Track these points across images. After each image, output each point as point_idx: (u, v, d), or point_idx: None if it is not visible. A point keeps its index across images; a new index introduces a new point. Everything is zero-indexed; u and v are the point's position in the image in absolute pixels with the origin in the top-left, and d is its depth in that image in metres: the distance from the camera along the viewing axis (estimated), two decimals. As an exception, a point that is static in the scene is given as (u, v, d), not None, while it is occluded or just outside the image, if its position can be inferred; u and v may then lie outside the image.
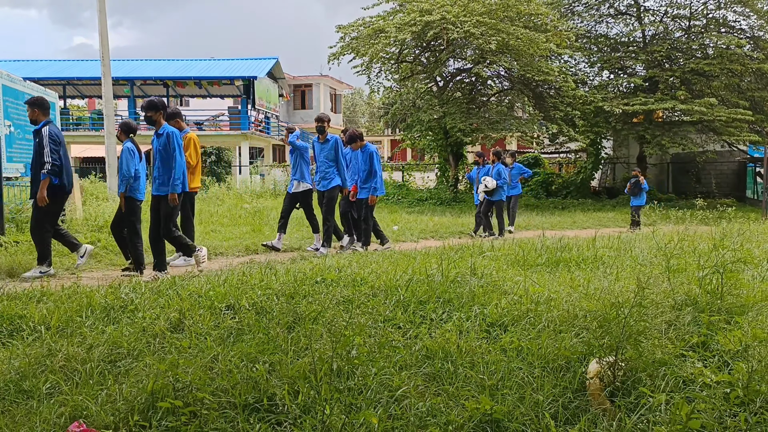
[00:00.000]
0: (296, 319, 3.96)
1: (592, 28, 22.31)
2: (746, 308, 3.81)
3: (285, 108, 37.68)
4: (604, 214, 16.38)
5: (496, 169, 11.05)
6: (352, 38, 18.85)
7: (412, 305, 4.21)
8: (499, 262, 5.99)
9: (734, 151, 21.78)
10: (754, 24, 20.64)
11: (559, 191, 21.64)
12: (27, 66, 27.97)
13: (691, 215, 7.41)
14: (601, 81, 21.70)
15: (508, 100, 21.07)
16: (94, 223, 9.12)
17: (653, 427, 2.41)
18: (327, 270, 5.49)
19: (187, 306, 4.18)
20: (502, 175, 10.90)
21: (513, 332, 3.64)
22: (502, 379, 2.96)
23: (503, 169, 11.05)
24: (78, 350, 3.39)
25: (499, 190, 10.88)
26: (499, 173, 10.93)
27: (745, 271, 5.06)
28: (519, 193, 12.84)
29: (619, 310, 3.29)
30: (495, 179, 10.86)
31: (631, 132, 20.30)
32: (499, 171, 10.95)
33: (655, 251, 6.20)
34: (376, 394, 2.81)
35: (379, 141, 50.90)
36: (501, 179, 10.89)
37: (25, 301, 4.51)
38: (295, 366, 3.03)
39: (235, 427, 2.55)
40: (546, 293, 4.41)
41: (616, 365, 2.86)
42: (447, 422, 2.56)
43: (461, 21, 16.79)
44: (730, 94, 19.70)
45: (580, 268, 5.82)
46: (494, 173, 11.03)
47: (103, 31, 13.03)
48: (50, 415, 2.68)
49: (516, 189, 12.61)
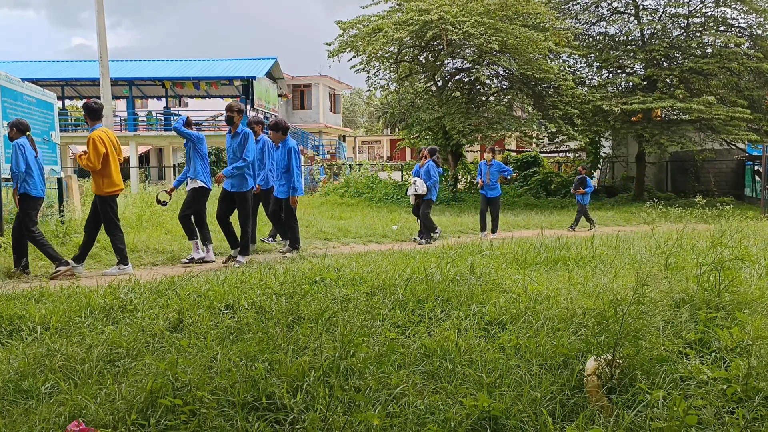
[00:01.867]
0: (295, 318, 3.97)
1: (591, 28, 22.32)
2: (743, 305, 3.83)
3: (284, 108, 37.70)
4: (603, 212, 16.38)
5: (426, 167, 10.13)
6: (350, 36, 18.85)
7: (411, 304, 4.22)
8: (497, 261, 6.00)
9: (733, 150, 21.80)
10: (753, 22, 20.65)
11: (558, 190, 21.64)
12: (25, 67, 27.97)
13: (690, 213, 7.42)
14: (599, 80, 21.71)
15: (507, 99, 21.08)
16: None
17: (650, 424, 2.42)
18: (326, 269, 5.50)
19: (186, 306, 4.19)
20: (432, 174, 10.02)
21: (511, 330, 3.66)
22: (501, 376, 2.97)
23: (433, 167, 10.08)
24: (77, 350, 3.39)
25: (430, 191, 10.04)
26: (428, 172, 10.05)
27: (743, 269, 5.07)
28: (498, 195, 11.24)
29: (616, 307, 3.30)
30: (425, 179, 10.01)
31: (629, 131, 20.31)
32: (429, 170, 10.07)
33: (653, 249, 6.22)
34: (375, 393, 2.82)
35: (378, 141, 50.94)
36: (431, 179, 10.02)
37: (25, 302, 4.52)
38: (294, 365, 3.04)
39: (234, 426, 2.55)
40: (544, 292, 4.42)
41: (613, 362, 2.87)
42: (445, 420, 2.57)
43: (460, 21, 16.80)
44: (729, 92, 19.71)
45: (579, 267, 5.84)
46: (423, 172, 10.12)
47: (102, 32, 13.03)
48: (49, 415, 2.68)
49: (495, 190, 11.12)
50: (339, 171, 26.37)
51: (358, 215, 14.07)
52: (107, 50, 13.21)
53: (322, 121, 38.35)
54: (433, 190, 10.16)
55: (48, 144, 9.24)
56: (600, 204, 19.33)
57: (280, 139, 7.81)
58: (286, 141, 7.77)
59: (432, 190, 10.14)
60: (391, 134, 44.46)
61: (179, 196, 9.11)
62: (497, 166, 11.19)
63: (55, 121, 9.63)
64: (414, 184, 10.12)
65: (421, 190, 9.95)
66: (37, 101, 9.01)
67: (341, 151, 37.52)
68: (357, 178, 21.23)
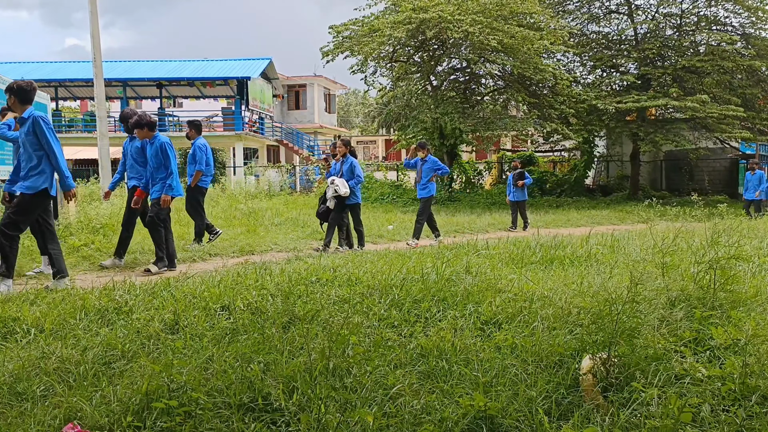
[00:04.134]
0: (291, 318, 3.97)
1: (584, 27, 22.40)
2: (738, 303, 3.84)
3: (279, 108, 37.65)
4: (598, 212, 16.44)
5: (348, 164, 8.67)
6: (345, 37, 18.85)
7: (407, 304, 4.22)
8: (493, 261, 6.01)
9: (726, 148, 21.93)
10: (745, 21, 20.77)
11: (554, 189, 21.71)
12: (19, 68, 27.80)
13: (685, 212, 7.45)
14: (593, 79, 21.79)
15: (502, 99, 21.13)
16: (88, 225, 9.09)
17: (646, 422, 2.43)
18: (322, 270, 5.49)
19: (181, 307, 4.17)
20: (356, 172, 8.63)
21: (507, 330, 3.66)
22: (496, 376, 2.97)
23: (356, 163, 8.75)
24: (72, 352, 3.38)
25: (355, 191, 8.66)
26: (352, 170, 8.64)
27: (737, 267, 5.09)
28: (430, 195, 9.66)
29: (612, 306, 3.31)
30: (347, 179, 8.59)
31: (624, 130, 20.40)
32: (353, 167, 8.65)
33: (648, 248, 6.23)
34: (371, 393, 2.82)
35: (373, 141, 50.92)
36: (355, 178, 8.62)
37: (19, 304, 4.49)
38: (290, 365, 3.03)
39: (230, 427, 2.55)
40: (540, 291, 4.43)
41: (609, 361, 2.88)
42: (441, 419, 2.57)
43: (457, 20, 16.82)
44: (722, 91, 19.82)
45: (574, 266, 5.85)
46: (346, 171, 8.66)
47: (95, 33, 12.98)
48: (44, 417, 2.67)
49: (427, 190, 9.58)
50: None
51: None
52: (101, 51, 13.15)
53: (317, 122, 38.31)
54: (357, 192, 8.74)
55: (42, 145, 9.17)
56: (595, 203, 19.40)
57: (148, 136, 7.08)
58: (156, 137, 7.07)
59: (356, 192, 8.71)
60: (387, 134, 44.45)
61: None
62: (432, 162, 9.75)
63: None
64: (333, 185, 8.51)
65: (342, 191, 8.43)
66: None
67: (337, 152, 37.43)
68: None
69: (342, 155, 8.80)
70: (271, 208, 13.97)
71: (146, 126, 7.04)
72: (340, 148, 8.87)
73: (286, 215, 13.02)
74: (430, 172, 9.60)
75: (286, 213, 13.49)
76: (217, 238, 8.62)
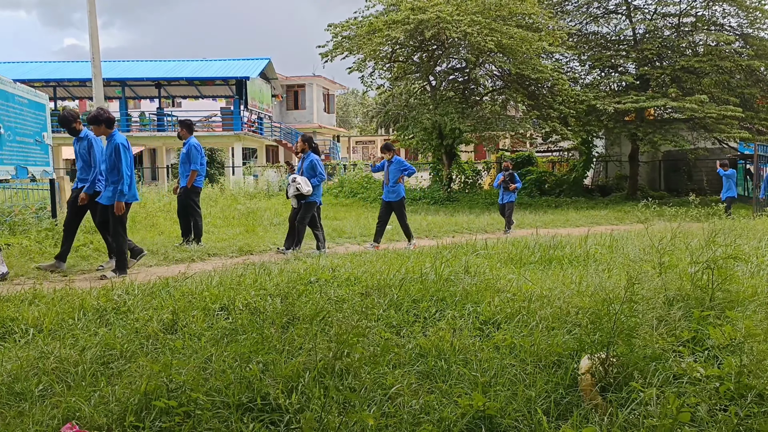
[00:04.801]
0: (290, 319, 3.97)
1: (583, 27, 22.42)
2: (736, 303, 3.85)
3: (278, 108, 37.64)
4: (596, 212, 16.45)
5: (309, 162, 8.18)
6: (343, 37, 18.85)
7: (406, 304, 4.22)
8: (492, 261, 6.01)
9: (725, 148, 21.94)
10: (743, 21, 20.80)
11: (552, 190, 21.72)
12: (17, 68, 27.78)
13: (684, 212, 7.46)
14: (592, 79, 21.81)
15: (501, 99, 21.14)
16: (88, 225, 9.07)
17: (644, 421, 2.43)
18: (321, 270, 5.49)
19: (180, 307, 4.17)
20: (318, 170, 8.16)
21: (506, 330, 3.67)
22: (495, 376, 2.98)
23: (317, 160, 8.24)
24: (70, 352, 3.38)
25: (315, 190, 8.15)
26: (313, 168, 8.16)
27: (735, 267, 5.10)
28: (401, 198, 9.11)
29: (610, 306, 3.32)
30: (308, 176, 8.09)
31: (623, 130, 20.41)
32: (314, 164, 8.17)
33: (646, 248, 6.24)
34: (369, 393, 2.82)
35: (372, 141, 50.92)
36: (317, 176, 8.15)
37: (17, 304, 4.49)
38: (289, 365, 3.03)
39: (229, 427, 2.55)
40: (539, 291, 4.43)
41: (607, 361, 2.89)
42: (440, 419, 2.57)
43: (456, 20, 16.82)
44: (721, 91, 19.84)
45: (573, 266, 5.86)
46: (306, 168, 8.17)
47: (93, 33, 12.96)
48: (43, 417, 2.67)
49: (396, 192, 9.08)
50: (333, 171, 26.35)
51: (352, 215, 14.08)
52: (99, 50, 13.14)
53: (316, 122, 38.31)
54: (317, 191, 8.25)
55: (40, 145, 9.19)
56: (594, 203, 19.41)
57: (105, 133, 6.54)
58: (112, 136, 6.49)
59: (317, 191, 8.22)
60: (386, 134, 44.46)
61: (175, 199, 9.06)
62: (397, 163, 9.22)
63: (47, 122, 9.58)
64: (294, 183, 8.00)
65: (305, 189, 7.95)
66: (28, 102, 8.96)
67: (335, 152, 37.49)
68: (351, 178, 21.22)
69: (302, 151, 8.35)
70: (269, 208, 13.97)
71: (104, 123, 6.48)
72: (301, 144, 8.38)
73: (284, 215, 12.99)
74: (397, 173, 9.12)
75: (285, 213, 13.45)
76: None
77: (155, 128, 27.23)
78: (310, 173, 8.12)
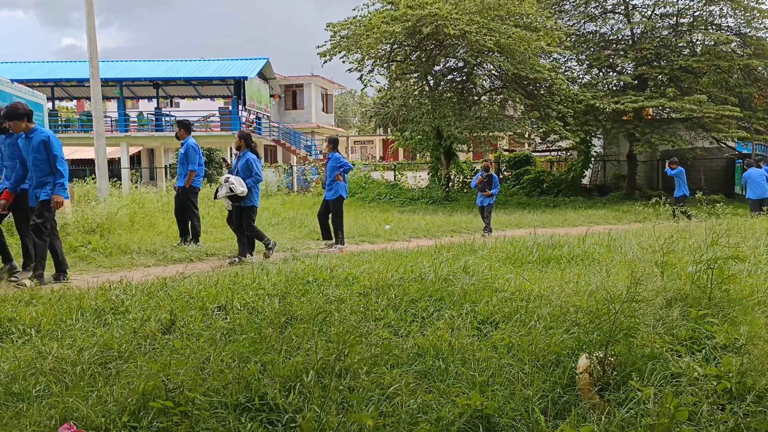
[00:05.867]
0: (288, 318, 3.97)
1: (581, 27, 22.43)
2: (734, 303, 3.85)
3: (276, 108, 37.60)
4: (595, 211, 16.47)
5: (244, 160, 7.55)
6: (342, 36, 18.84)
7: (404, 304, 4.22)
8: (491, 260, 6.01)
9: (723, 148, 21.97)
10: (741, 21, 20.83)
11: (551, 189, 21.73)
12: (15, 68, 27.73)
13: (683, 212, 7.46)
14: (590, 79, 21.83)
15: (500, 99, 21.15)
16: (85, 225, 9.06)
17: (642, 420, 2.44)
18: (319, 270, 5.49)
19: (178, 307, 4.17)
20: (254, 170, 7.56)
21: (504, 329, 3.66)
22: (493, 375, 2.98)
23: (254, 159, 7.63)
24: (68, 352, 3.37)
25: (252, 192, 7.56)
26: (248, 167, 7.55)
27: (733, 266, 5.10)
28: (338, 196, 8.75)
29: (610, 305, 3.31)
30: (243, 177, 7.50)
31: (621, 130, 20.43)
32: (250, 163, 7.54)
33: (645, 248, 6.24)
34: (367, 392, 2.82)
35: (370, 141, 50.92)
36: (253, 176, 7.55)
37: (15, 304, 4.48)
38: (287, 365, 3.03)
39: (227, 426, 2.55)
40: (537, 290, 4.43)
41: (605, 360, 2.89)
42: (438, 419, 2.57)
43: (454, 18, 16.82)
44: (719, 90, 19.86)
45: (571, 265, 5.86)
46: (241, 167, 7.56)
47: (91, 32, 12.95)
48: (40, 418, 2.67)
49: (333, 190, 8.71)
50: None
51: (350, 215, 14.06)
52: (97, 50, 13.12)
53: (314, 121, 38.28)
54: (254, 193, 7.59)
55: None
56: (592, 202, 19.43)
57: (24, 129, 5.92)
58: (35, 130, 5.96)
59: (253, 193, 7.58)
60: (384, 134, 44.49)
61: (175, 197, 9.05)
62: (334, 160, 8.79)
63: (45, 122, 9.57)
64: (227, 183, 7.38)
65: (239, 189, 7.34)
66: (26, 102, 8.95)
67: (334, 151, 37.42)
68: (349, 178, 21.22)
69: (238, 149, 7.74)
70: (268, 208, 13.96)
71: (25, 116, 5.87)
72: (238, 141, 7.72)
73: (283, 215, 13.01)
74: (334, 171, 8.72)
75: (283, 213, 13.48)
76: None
77: (153, 128, 27.19)
78: (246, 173, 7.53)
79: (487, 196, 11.15)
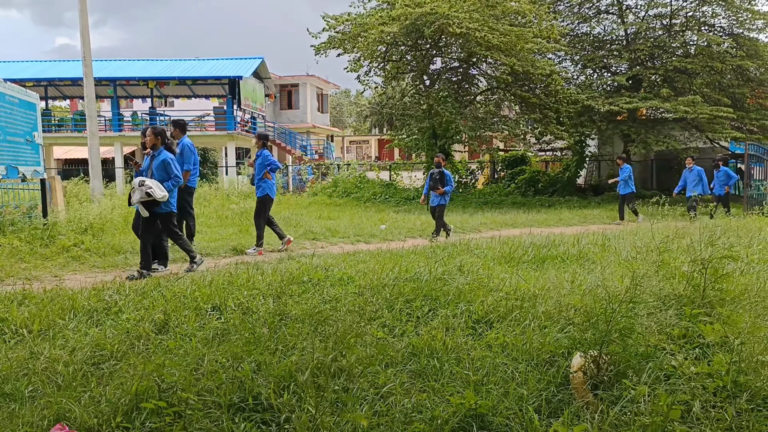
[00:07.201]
0: (283, 318, 3.96)
1: (575, 27, 22.49)
2: (727, 301, 3.87)
3: (271, 108, 37.52)
4: (589, 211, 16.51)
5: (160, 160, 6.50)
6: (337, 31, 18.80)
7: (399, 303, 4.22)
8: (486, 260, 6.02)
9: (716, 148, 22.08)
10: (733, 22, 20.94)
11: (546, 189, 21.77)
12: (8, 67, 27.57)
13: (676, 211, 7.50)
14: (585, 79, 21.89)
15: (495, 98, 21.17)
16: (78, 225, 9.02)
17: (635, 419, 2.44)
18: (314, 269, 5.48)
19: (172, 307, 4.15)
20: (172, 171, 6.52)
21: (498, 328, 3.67)
22: (487, 374, 2.98)
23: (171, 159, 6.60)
24: (61, 353, 3.35)
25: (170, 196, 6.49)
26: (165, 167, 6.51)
27: (727, 265, 5.12)
28: (265, 195, 8.45)
29: (606, 305, 3.32)
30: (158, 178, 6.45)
31: (615, 130, 20.50)
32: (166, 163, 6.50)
33: (640, 247, 6.26)
34: (362, 392, 2.81)
35: (366, 140, 50.90)
36: (172, 179, 6.53)
37: (7, 305, 4.45)
38: (281, 365, 3.02)
39: (220, 426, 2.54)
40: (532, 290, 4.44)
41: (599, 359, 2.89)
42: (432, 418, 2.57)
43: (453, 16, 16.81)
44: (712, 91, 19.96)
45: (566, 265, 5.87)
46: (156, 168, 6.51)
47: (85, 32, 12.88)
48: (33, 418, 2.65)
49: (261, 189, 8.44)
50: (327, 171, 26.29)
51: (346, 215, 14.06)
52: (90, 50, 13.06)
53: (309, 121, 38.23)
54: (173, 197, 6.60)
55: (31, 145, 9.12)
56: (587, 202, 19.48)
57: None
58: None
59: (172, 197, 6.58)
60: (379, 134, 44.48)
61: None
62: (263, 158, 8.48)
63: (38, 121, 9.51)
64: (142, 187, 6.24)
65: (159, 194, 6.26)
66: (19, 101, 8.89)
67: (329, 151, 37.42)
68: (345, 178, 21.21)
69: (152, 147, 6.64)
70: (263, 208, 13.91)
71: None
72: (152, 138, 6.62)
73: (278, 215, 12.97)
74: (262, 169, 8.44)
75: (279, 213, 13.45)
76: None
77: (148, 128, 27.04)
78: (162, 175, 6.49)
79: (440, 194, 10.26)
